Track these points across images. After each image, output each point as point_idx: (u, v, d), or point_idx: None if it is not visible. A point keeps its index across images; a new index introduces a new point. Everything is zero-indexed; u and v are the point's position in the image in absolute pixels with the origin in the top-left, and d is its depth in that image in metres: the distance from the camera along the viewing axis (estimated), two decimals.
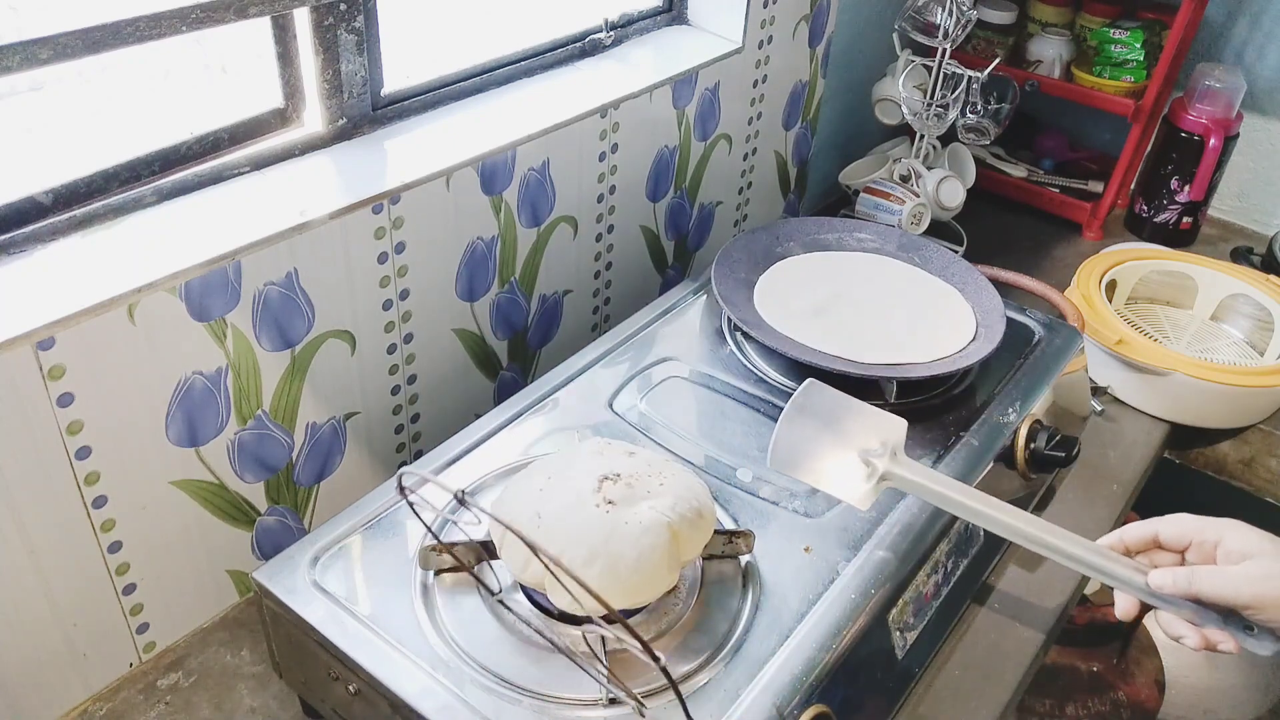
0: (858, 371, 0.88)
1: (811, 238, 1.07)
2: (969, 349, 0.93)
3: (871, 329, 0.95)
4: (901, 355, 0.92)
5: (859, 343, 0.92)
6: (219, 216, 0.79)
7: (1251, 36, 1.54)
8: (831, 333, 0.94)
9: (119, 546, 0.78)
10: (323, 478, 0.93)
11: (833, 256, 1.06)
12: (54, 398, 0.70)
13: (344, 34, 0.85)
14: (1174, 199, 1.51)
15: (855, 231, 1.08)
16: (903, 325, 0.96)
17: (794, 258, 1.04)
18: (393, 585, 0.70)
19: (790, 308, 0.96)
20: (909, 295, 1.01)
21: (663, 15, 1.21)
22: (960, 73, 1.33)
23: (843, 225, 1.09)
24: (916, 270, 1.05)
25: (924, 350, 0.92)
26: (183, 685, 0.83)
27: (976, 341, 0.94)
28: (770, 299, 0.98)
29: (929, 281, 1.03)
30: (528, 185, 1.00)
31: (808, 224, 1.08)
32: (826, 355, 0.90)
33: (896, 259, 1.06)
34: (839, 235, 1.08)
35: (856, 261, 1.05)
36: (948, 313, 0.99)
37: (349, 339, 0.89)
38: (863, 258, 1.06)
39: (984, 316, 0.98)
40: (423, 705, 0.63)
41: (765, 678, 0.65)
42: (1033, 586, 0.94)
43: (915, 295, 1.01)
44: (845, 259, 1.06)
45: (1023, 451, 0.90)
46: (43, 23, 0.65)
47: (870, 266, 1.05)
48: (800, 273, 1.03)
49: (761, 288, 0.99)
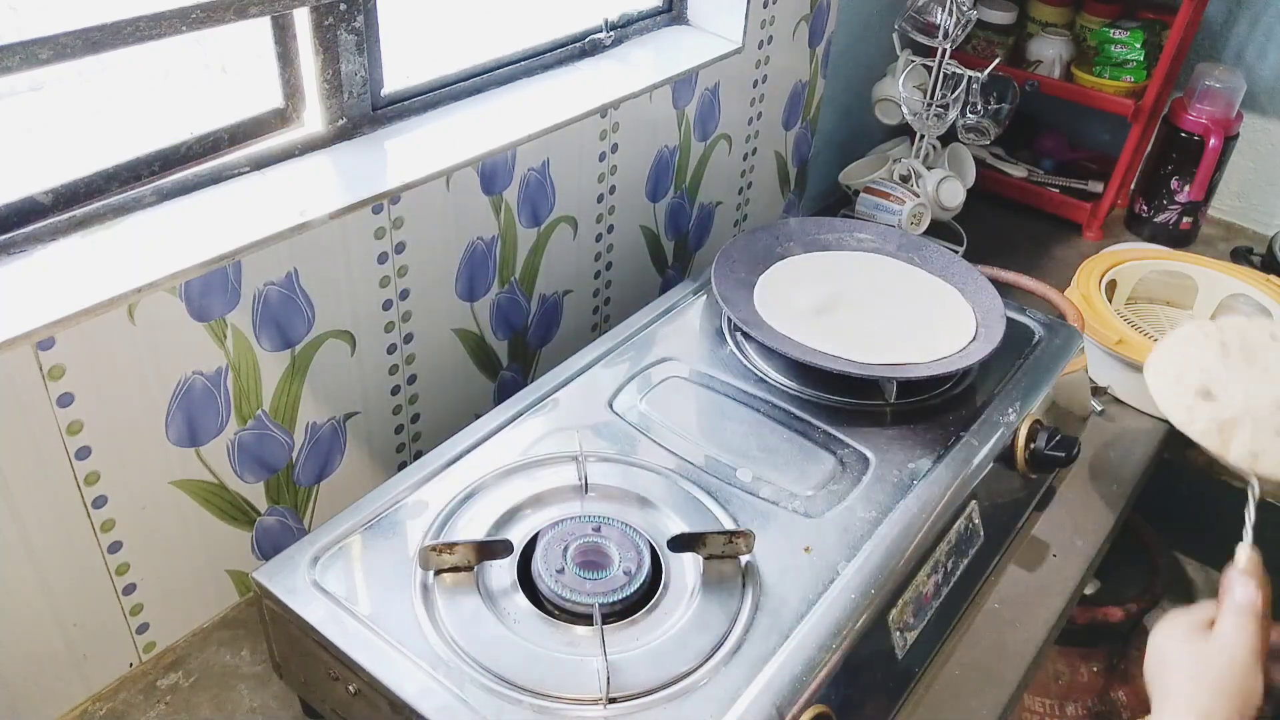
0: (858, 372, 0.88)
1: (811, 238, 1.06)
2: (969, 349, 0.93)
3: (871, 329, 0.95)
4: (902, 355, 0.91)
5: (859, 343, 0.92)
6: (219, 216, 0.79)
7: (1251, 36, 1.54)
8: (832, 333, 0.93)
9: (119, 546, 0.78)
10: (323, 478, 0.93)
11: (833, 256, 1.05)
12: (54, 398, 0.70)
13: (344, 34, 0.85)
14: (1174, 199, 1.51)
15: (855, 231, 1.08)
16: (903, 325, 0.96)
17: (794, 258, 1.04)
18: (393, 585, 0.70)
19: (790, 308, 0.96)
20: (909, 295, 1.01)
21: (663, 15, 1.21)
22: (960, 73, 1.33)
23: (843, 225, 1.08)
24: (916, 270, 1.04)
25: (924, 350, 0.92)
26: (183, 685, 0.83)
27: (976, 342, 0.94)
28: (770, 299, 0.97)
29: (929, 281, 1.03)
30: (528, 185, 1.00)
31: (808, 224, 1.08)
32: (826, 355, 0.89)
33: (896, 259, 1.06)
34: (839, 235, 1.07)
35: (856, 261, 1.05)
36: (948, 313, 0.98)
37: (349, 339, 0.89)
38: (863, 257, 1.05)
39: (984, 316, 0.97)
40: (423, 705, 0.63)
41: (765, 678, 0.65)
42: (1033, 586, 0.94)
43: (915, 295, 1.01)
44: (845, 259, 1.05)
45: (1023, 451, 0.90)
46: (43, 23, 0.65)
47: (870, 266, 1.04)
48: (800, 273, 1.02)
49: (761, 288, 0.99)
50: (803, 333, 0.93)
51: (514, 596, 0.70)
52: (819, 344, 0.91)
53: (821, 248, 1.06)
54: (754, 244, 1.04)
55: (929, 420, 0.89)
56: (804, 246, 1.06)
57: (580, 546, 0.72)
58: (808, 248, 1.06)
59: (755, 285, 0.99)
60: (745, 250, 1.02)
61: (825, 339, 0.92)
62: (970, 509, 0.84)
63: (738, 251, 1.01)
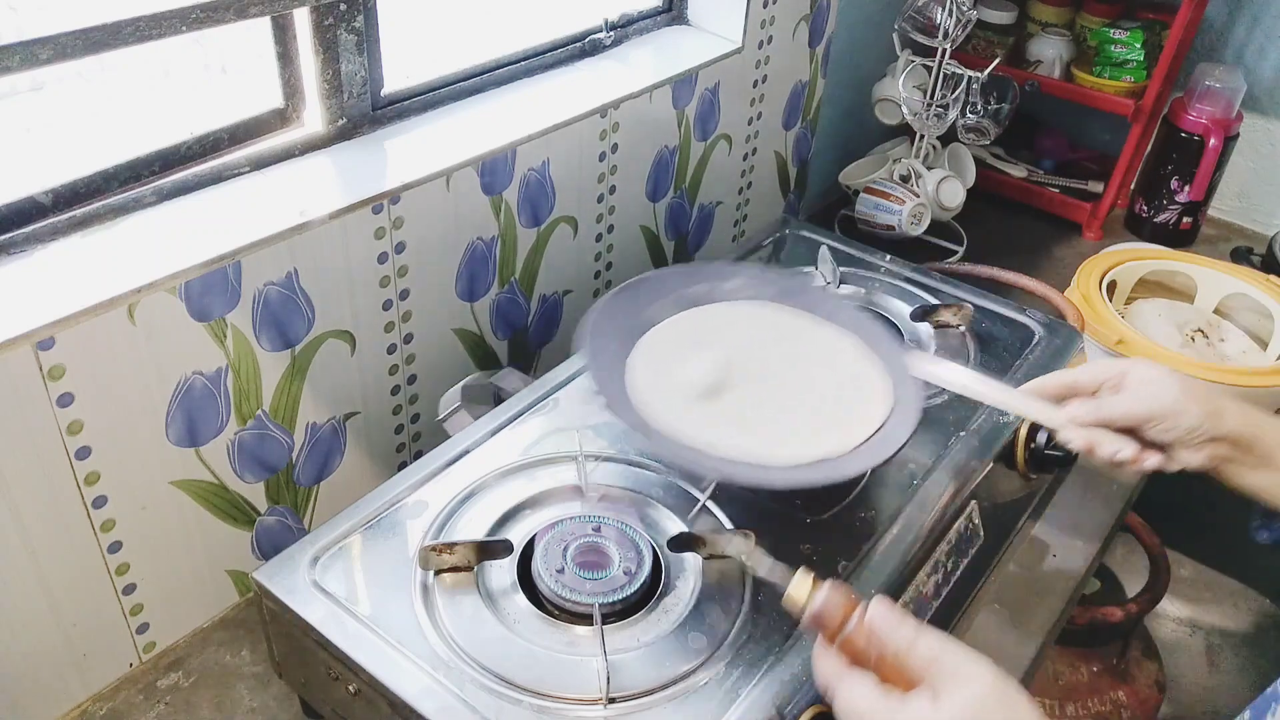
0: (783, 483, 0.74)
1: (679, 294, 0.89)
2: (889, 425, 0.78)
3: (775, 409, 0.80)
4: (820, 443, 0.76)
5: (767, 433, 0.77)
6: (219, 216, 0.79)
7: (1251, 36, 1.54)
8: (732, 423, 0.77)
9: (119, 546, 0.78)
10: (323, 478, 0.93)
11: (709, 313, 0.89)
12: (54, 398, 0.70)
13: (344, 34, 0.85)
14: (1174, 199, 1.51)
15: (726, 279, 0.91)
16: (808, 396, 0.81)
17: (667, 321, 0.87)
18: (393, 585, 0.70)
19: (678, 395, 0.79)
20: (803, 352, 0.85)
21: (663, 15, 1.21)
22: (960, 73, 1.33)
23: (713, 273, 0.92)
24: (803, 316, 0.89)
25: (842, 430, 0.78)
26: (183, 685, 0.83)
27: (897, 407, 0.79)
28: (652, 386, 0.80)
29: (820, 330, 0.87)
30: (528, 185, 1.00)
31: (670, 278, 0.91)
32: (743, 465, 0.74)
33: (779, 304, 0.90)
34: (709, 286, 0.91)
35: (737, 316, 0.89)
36: (851, 367, 0.84)
37: (349, 339, 0.89)
38: (742, 309, 0.90)
39: (890, 364, 0.83)
40: (423, 705, 0.63)
41: (765, 678, 0.65)
42: (1033, 586, 0.94)
43: (810, 351, 0.86)
44: (723, 314, 0.89)
45: (1023, 451, 0.90)
46: (43, 23, 0.65)
47: (753, 320, 0.88)
48: (678, 341, 0.85)
49: (637, 369, 0.82)
50: (701, 428, 0.76)
51: (514, 596, 0.70)
52: (724, 443, 0.75)
53: (693, 303, 0.89)
54: (617, 312, 0.85)
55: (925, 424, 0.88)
56: (675, 304, 0.88)
57: (580, 546, 0.72)
58: (679, 304, 0.89)
59: (629, 364, 0.82)
60: (611, 320, 0.84)
61: (728, 434, 0.76)
62: (970, 509, 0.84)
63: (605, 323, 0.83)
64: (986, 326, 1.01)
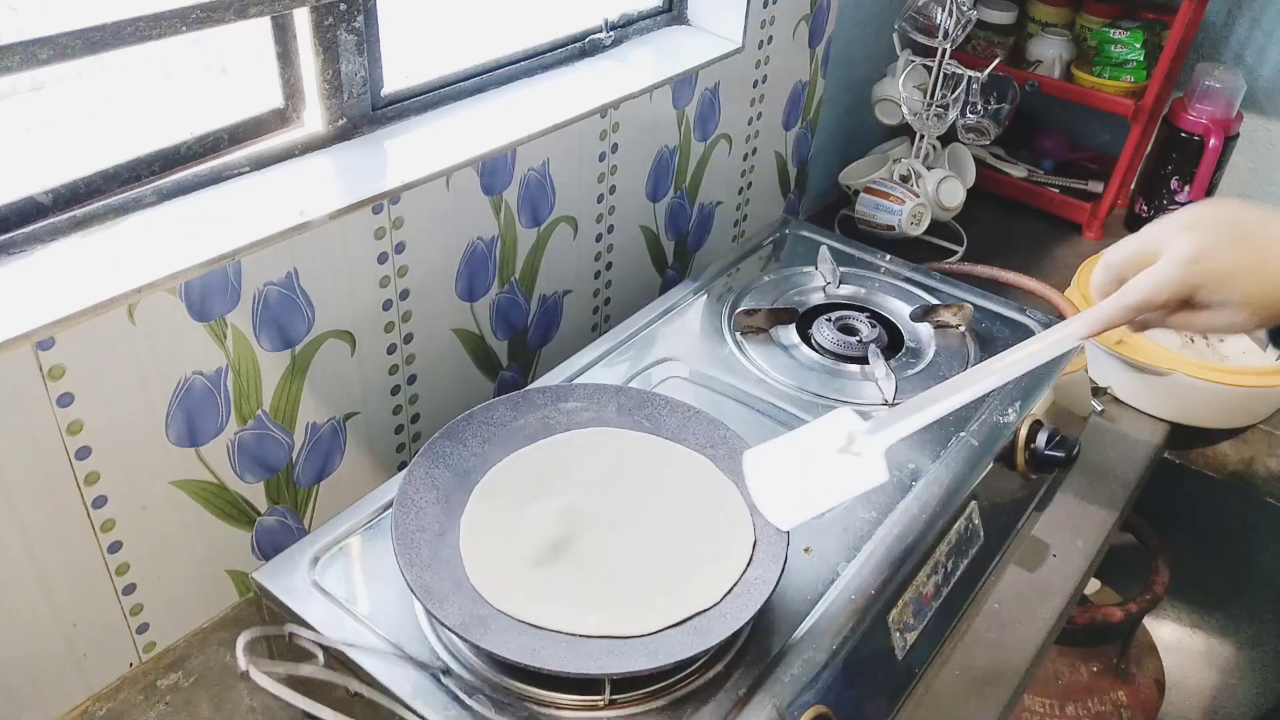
0: (647, 665, 0.62)
1: (508, 428, 0.79)
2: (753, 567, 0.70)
3: (630, 565, 0.70)
4: (688, 599, 0.68)
5: (626, 596, 0.68)
6: (219, 216, 0.79)
7: (1251, 36, 1.54)
8: (580, 591, 0.68)
9: (119, 546, 0.78)
10: (323, 478, 0.93)
11: (548, 448, 0.79)
12: (54, 398, 0.70)
13: (344, 34, 0.85)
14: (1174, 199, 1.51)
15: (561, 401, 0.81)
16: (665, 544, 0.72)
17: (496, 469, 0.76)
18: (393, 585, 0.70)
19: (516, 566, 0.69)
20: (656, 485, 0.76)
21: (663, 15, 1.21)
22: (960, 73, 1.33)
23: (544, 397, 0.81)
24: (648, 439, 0.80)
25: (707, 581, 0.69)
26: (183, 685, 0.83)
27: (758, 545, 0.71)
28: (485, 557, 0.70)
29: (669, 453, 0.79)
30: (528, 185, 1.00)
31: (498, 410, 0.79)
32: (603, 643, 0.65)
33: (621, 427, 0.81)
34: (543, 414, 0.80)
35: (578, 448, 0.79)
36: (707, 499, 0.75)
37: (349, 339, 0.89)
38: (584, 437, 0.80)
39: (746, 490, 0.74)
40: (423, 706, 0.63)
41: (765, 678, 0.65)
42: (1033, 586, 0.94)
43: (663, 482, 0.76)
44: (564, 447, 0.79)
45: (1023, 451, 0.90)
46: (43, 23, 0.65)
47: (596, 450, 0.79)
48: (510, 493, 0.75)
49: (469, 538, 0.71)
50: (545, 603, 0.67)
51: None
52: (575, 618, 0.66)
53: (526, 438, 0.79)
54: (437, 471, 0.75)
55: None
56: (503, 444, 0.78)
57: None
58: (509, 442, 0.78)
59: (459, 533, 0.72)
60: (428, 480, 0.74)
61: (578, 605, 0.67)
62: (970, 509, 0.84)
63: (416, 495, 0.72)
64: (986, 326, 1.01)
